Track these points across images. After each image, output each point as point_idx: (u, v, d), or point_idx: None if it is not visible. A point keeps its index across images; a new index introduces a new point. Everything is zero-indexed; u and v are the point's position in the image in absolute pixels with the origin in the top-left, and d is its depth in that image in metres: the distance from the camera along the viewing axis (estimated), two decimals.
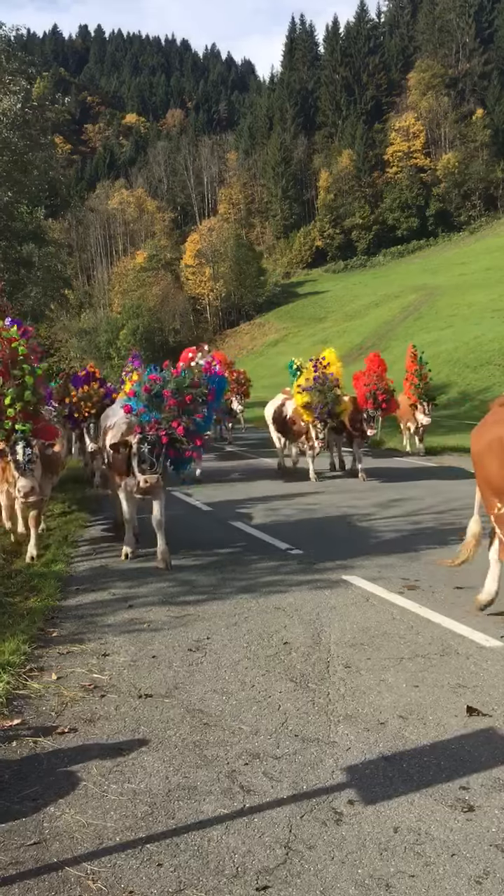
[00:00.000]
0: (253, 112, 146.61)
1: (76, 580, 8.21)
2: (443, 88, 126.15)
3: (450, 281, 79.84)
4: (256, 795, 3.80)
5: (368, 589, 7.54)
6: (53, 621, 6.72)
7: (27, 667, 5.55)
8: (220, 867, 3.24)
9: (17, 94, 23.39)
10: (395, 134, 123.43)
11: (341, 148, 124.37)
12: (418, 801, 3.73)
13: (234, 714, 4.76)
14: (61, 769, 4.10)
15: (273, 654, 5.80)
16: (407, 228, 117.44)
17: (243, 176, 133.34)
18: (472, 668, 5.46)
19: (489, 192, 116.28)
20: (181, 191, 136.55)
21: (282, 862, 3.28)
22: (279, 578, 8.01)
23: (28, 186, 24.90)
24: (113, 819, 3.61)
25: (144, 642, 6.12)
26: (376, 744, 4.32)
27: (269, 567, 8.54)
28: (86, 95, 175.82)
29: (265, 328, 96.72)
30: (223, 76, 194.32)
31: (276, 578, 8.02)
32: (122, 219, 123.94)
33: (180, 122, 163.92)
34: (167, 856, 3.33)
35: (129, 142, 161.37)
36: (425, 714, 4.72)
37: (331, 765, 4.10)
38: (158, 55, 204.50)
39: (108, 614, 6.88)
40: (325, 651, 5.86)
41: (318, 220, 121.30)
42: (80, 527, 11.26)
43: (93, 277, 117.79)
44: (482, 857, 3.29)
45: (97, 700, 5.01)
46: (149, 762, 4.16)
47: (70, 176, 40.65)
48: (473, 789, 3.83)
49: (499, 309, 58.93)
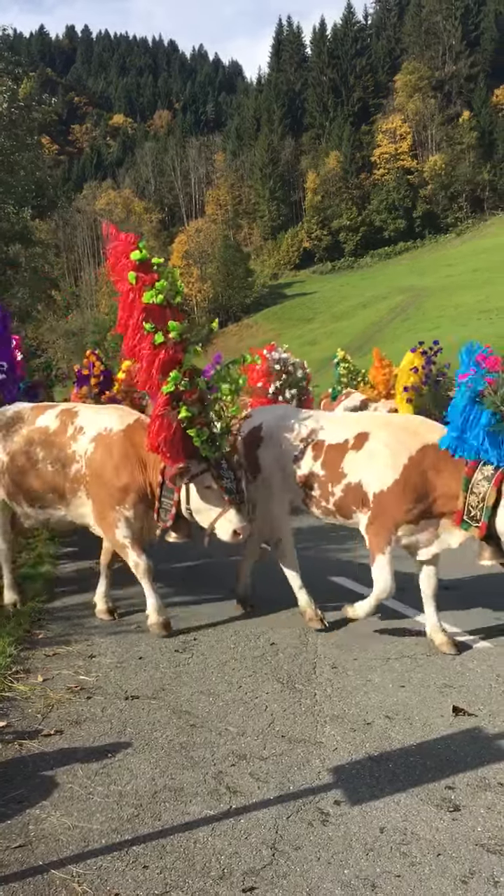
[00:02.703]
0: (240, 113, 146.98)
1: (62, 581, 8.18)
2: (429, 91, 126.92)
3: (437, 282, 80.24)
4: (243, 796, 3.80)
5: (355, 589, 7.54)
6: (39, 623, 6.69)
7: (13, 669, 5.52)
8: (206, 869, 3.24)
9: (3, 94, 23.29)
10: (382, 136, 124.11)
11: (328, 149, 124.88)
12: (404, 801, 3.74)
13: (220, 715, 4.76)
14: (47, 771, 4.08)
15: (260, 655, 5.80)
16: (394, 230, 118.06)
17: (231, 177, 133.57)
18: (458, 668, 5.48)
19: (476, 194, 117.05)
20: (168, 192, 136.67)
21: (268, 863, 3.27)
22: (266, 579, 8.00)
23: (14, 187, 24.78)
24: (99, 821, 3.60)
25: (131, 644, 6.10)
26: (363, 744, 4.33)
27: (255, 568, 8.52)
28: (73, 96, 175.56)
29: (253, 329, 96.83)
30: (211, 77, 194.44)
31: (263, 579, 8.00)
32: (109, 219, 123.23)
33: (168, 122, 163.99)
34: (153, 858, 3.32)
35: (116, 142, 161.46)
36: (411, 714, 4.74)
37: (317, 765, 4.10)
38: (146, 56, 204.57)
39: (95, 616, 6.85)
40: (311, 652, 5.86)
41: (306, 222, 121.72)
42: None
43: (80, 278, 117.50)
44: (468, 856, 3.30)
45: (83, 702, 4.99)
46: (135, 764, 4.15)
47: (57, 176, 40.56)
48: (459, 789, 3.84)
49: (485, 310, 59.27)
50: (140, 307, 5.68)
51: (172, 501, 6.10)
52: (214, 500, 5.90)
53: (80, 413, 6.76)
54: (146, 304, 5.66)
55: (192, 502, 6.00)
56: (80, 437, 6.54)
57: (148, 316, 5.67)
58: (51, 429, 6.66)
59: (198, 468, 5.88)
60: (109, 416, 6.64)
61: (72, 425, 6.62)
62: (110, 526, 6.39)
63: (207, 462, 5.88)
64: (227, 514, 5.88)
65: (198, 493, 5.95)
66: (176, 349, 5.68)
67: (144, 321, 5.67)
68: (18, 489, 6.72)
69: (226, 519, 5.89)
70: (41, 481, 6.59)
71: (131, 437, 6.38)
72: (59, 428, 6.65)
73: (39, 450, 6.59)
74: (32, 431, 6.71)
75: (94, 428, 6.54)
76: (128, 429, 6.45)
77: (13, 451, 6.70)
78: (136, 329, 5.72)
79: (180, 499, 6.05)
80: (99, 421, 6.60)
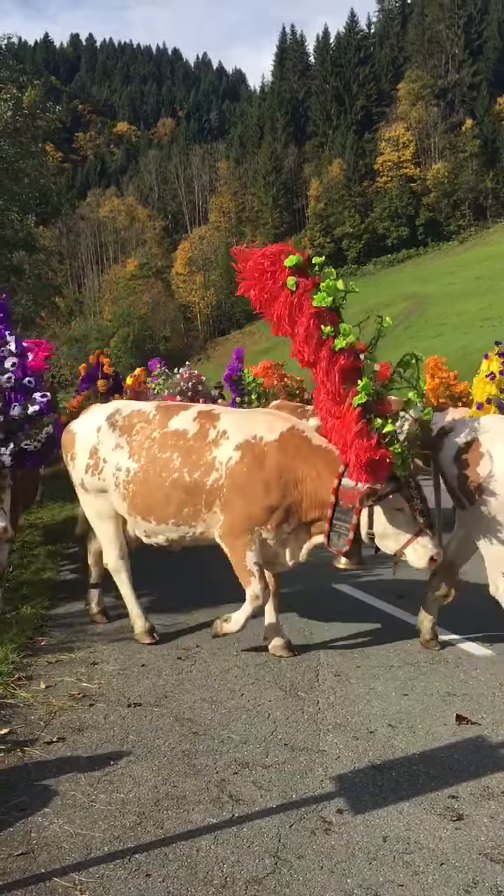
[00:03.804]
0: (244, 121, 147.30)
1: (65, 588, 8.18)
2: (432, 99, 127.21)
3: (440, 290, 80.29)
4: (245, 805, 3.79)
5: (358, 597, 7.54)
6: (42, 629, 6.69)
7: (16, 675, 5.51)
8: (208, 877, 3.23)
9: (7, 102, 23.37)
10: (385, 144, 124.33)
11: (331, 157, 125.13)
12: (407, 810, 3.73)
13: (223, 723, 4.75)
14: (49, 779, 4.07)
15: (262, 663, 5.79)
16: (397, 237, 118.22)
17: (234, 184, 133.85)
18: (462, 677, 5.47)
19: (478, 201, 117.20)
20: (172, 199, 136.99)
21: (271, 872, 3.26)
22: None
23: (19, 194, 24.84)
24: (101, 829, 3.59)
25: (133, 651, 6.10)
26: (365, 752, 4.32)
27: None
28: (77, 104, 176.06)
29: (256, 336, 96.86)
30: (214, 85, 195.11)
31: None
32: (112, 227, 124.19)
33: (171, 130, 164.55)
34: (155, 866, 3.31)
35: (120, 150, 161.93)
36: (414, 722, 4.72)
37: (320, 774, 4.09)
38: (150, 64, 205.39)
39: (97, 622, 6.85)
40: (314, 659, 5.85)
41: (309, 229, 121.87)
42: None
43: (83, 285, 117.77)
44: (471, 866, 3.29)
45: (86, 709, 4.98)
46: (137, 771, 4.14)
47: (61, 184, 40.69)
48: (462, 798, 3.83)
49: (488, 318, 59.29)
50: (309, 312, 5.14)
51: (350, 525, 5.45)
52: (405, 524, 5.35)
53: (223, 416, 6.09)
54: (316, 309, 5.12)
55: (376, 526, 5.40)
56: (223, 442, 5.85)
57: (321, 320, 5.12)
58: (189, 433, 6.00)
59: (387, 488, 5.31)
60: (259, 422, 5.98)
61: (213, 429, 5.94)
62: (241, 547, 5.73)
63: (398, 481, 5.32)
64: (420, 539, 5.33)
65: (385, 516, 5.38)
66: (355, 355, 5.16)
67: (319, 326, 5.11)
68: (146, 502, 6.01)
69: (420, 544, 5.32)
70: (178, 493, 5.86)
71: (285, 448, 5.72)
72: (198, 431, 5.98)
73: (176, 456, 5.92)
74: (166, 435, 6.05)
75: (240, 434, 5.85)
76: (282, 438, 5.78)
77: (140, 456, 6.05)
78: (309, 337, 5.15)
79: (359, 522, 5.43)
80: (246, 426, 5.92)
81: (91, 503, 6.44)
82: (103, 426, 6.31)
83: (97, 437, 6.31)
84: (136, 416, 6.30)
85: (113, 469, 6.16)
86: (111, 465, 6.17)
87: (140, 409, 6.42)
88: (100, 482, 6.27)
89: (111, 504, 6.27)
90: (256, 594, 5.69)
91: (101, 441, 6.27)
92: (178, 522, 5.97)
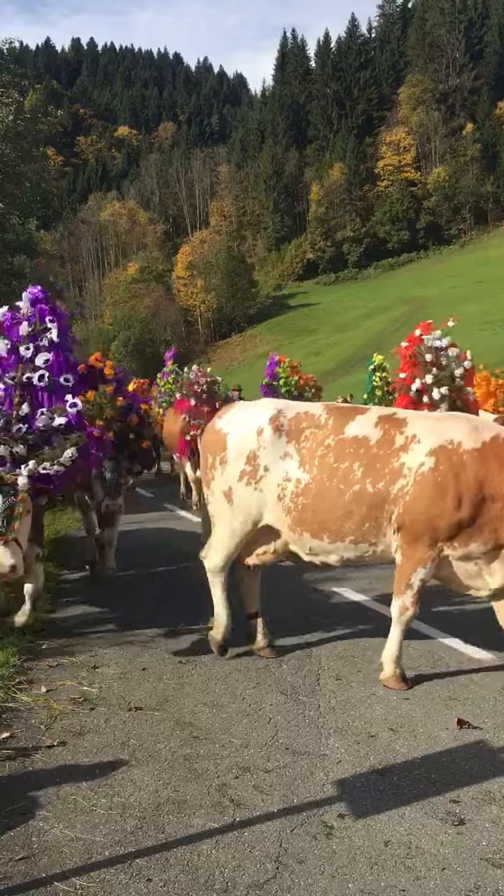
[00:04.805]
0: (245, 125, 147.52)
1: (66, 591, 8.17)
2: (433, 103, 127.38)
3: (440, 294, 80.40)
4: (247, 809, 3.78)
5: (360, 601, 7.53)
6: (43, 633, 6.68)
7: (16, 679, 5.50)
8: (209, 882, 3.22)
9: (9, 106, 23.42)
10: (386, 148, 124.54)
11: (332, 161, 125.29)
12: (409, 815, 3.72)
13: (224, 727, 4.74)
14: (50, 783, 4.06)
15: (263, 667, 5.78)
16: (398, 241, 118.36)
17: (235, 188, 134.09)
18: (463, 681, 5.46)
19: (479, 205, 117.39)
20: (173, 203, 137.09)
21: (272, 876, 3.25)
22: (269, 590, 7.98)
23: (20, 198, 24.90)
24: (102, 833, 3.58)
25: (134, 655, 6.09)
26: (367, 757, 4.31)
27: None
28: (78, 108, 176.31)
29: (256, 340, 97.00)
30: (215, 89, 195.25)
31: (267, 590, 7.98)
32: (113, 230, 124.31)
33: (172, 134, 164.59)
34: (156, 871, 3.30)
35: (121, 154, 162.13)
36: (416, 727, 4.71)
37: (321, 778, 4.08)
38: (151, 68, 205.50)
39: (98, 626, 6.84)
40: (315, 663, 5.84)
41: (310, 233, 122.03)
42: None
43: (84, 289, 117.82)
44: (473, 870, 3.28)
45: (87, 713, 4.97)
46: (138, 776, 4.13)
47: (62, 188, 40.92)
48: (464, 802, 3.82)
49: (489, 321, 59.36)
50: None
51: None
52: None
53: (411, 420, 5.51)
54: None
55: None
56: (413, 447, 5.28)
57: None
58: (372, 439, 5.40)
59: None
60: (457, 427, 5.38)
61: (401, 434, 5.36)
62: (417, 562, 5.23)
63: None
64: None
65: None
66: None
67: None
68: (320, 517, 5.38)
69: None
70: (361, 507, 5.27)
71: (487, 459, 5.15)
72: (382, 438, 5.39)
73: (357, 465, 5.32)
74: (344, 442, 5.43)
75: (434, 438, 5.28)
76: (484, 447, 5.20)
77: (312, 466, 5.42)
78: None
79: None
80: (442, 431, 5.35)
81: (230, 515, 5.71)
82: (266, 430, 5.57)
83: (257, 442, 5.58)
84: (304, 419, 5.60)
85: (279, 480, 5.49)
86: (275, 475, 5.50)
87: (307, 411, 5.71)
88: (256, 493, 5.57)
89: (256, 518, 5.63)
90: (406, 606, 5.35)
91: (264, 447, 5.55)
92: (357, 540, 5.35)
